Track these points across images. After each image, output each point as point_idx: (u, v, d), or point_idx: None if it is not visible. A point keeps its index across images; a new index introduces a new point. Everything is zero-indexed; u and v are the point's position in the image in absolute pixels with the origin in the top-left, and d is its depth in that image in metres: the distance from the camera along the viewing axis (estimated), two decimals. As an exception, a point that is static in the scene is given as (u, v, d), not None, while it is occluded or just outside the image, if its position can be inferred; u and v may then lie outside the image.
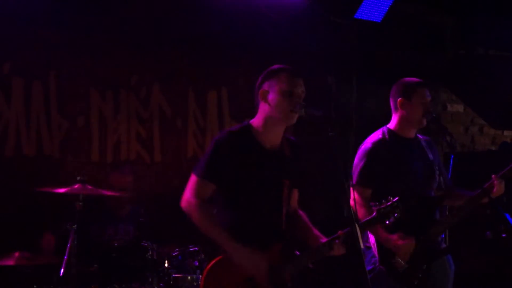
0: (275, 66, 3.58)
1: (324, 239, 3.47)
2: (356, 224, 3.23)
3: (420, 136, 4.36)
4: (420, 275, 4.00)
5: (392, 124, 4.30)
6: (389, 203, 3.51)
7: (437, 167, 4.30)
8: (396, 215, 3.50)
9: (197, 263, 5.07)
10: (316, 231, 3.58)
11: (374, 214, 3.53)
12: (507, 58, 6.59)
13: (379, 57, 6.89)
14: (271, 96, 3.48)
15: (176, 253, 5.11)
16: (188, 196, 3.48)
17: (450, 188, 4.37)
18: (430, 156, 4.30)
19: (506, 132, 7.71)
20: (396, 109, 4.26)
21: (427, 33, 7.10)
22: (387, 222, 3.52)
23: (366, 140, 4.26)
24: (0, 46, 5.77)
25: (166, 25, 6.31)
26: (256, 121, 3.57)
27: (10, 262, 4.79)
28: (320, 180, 6.29)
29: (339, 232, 3.42)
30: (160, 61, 6.45)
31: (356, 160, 4.22)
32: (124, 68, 6.33)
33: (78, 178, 4.87)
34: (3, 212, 5.56)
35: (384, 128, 4.30)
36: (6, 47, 5.79)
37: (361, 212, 3.87)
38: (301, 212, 3.73)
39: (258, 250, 3.38)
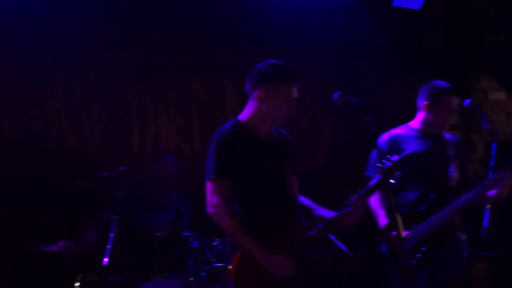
0: (274, 71, 3.65)
1: (332, 213, 3.51)
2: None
3: (445, 134, 4.34)
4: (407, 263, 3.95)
5: (416, 122, 4.34)
6: (392, 162, 3.41)
7: (454, 164, 4.26)
8: (401, 172, 3.40)
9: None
10: (320, 210, 3.64)
11: (380, 175, 3.43)
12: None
13: (418, 44, 6.81)
14: (270, 102, 3.59)
15: (217, 242, 5.14)
16: (213, 201, 3.55)
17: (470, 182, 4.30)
18: (450, 151, 4.26)
19: (549, 120, 7.56)
20: (422, 109, 4.25)
21: (467, 20, 6.98)
22: (392, 181, 3.41)
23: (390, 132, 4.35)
24: (41, 39, 5.87)
25: (204, 16, 6.32)
26: (247, 116, 3.68)
27: (55, 249, 4.91)
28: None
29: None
30: (198, 52, 6.48)
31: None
32: (163, 60, 6.38)
33: (119, 168, 4.95)
34: (48, 203, 5.66)
35: (409, 124, 4.38)
36: (47, 40, 5.89)
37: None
38: (302, 197, 3.79)
39: (277, 231, 3.45)
